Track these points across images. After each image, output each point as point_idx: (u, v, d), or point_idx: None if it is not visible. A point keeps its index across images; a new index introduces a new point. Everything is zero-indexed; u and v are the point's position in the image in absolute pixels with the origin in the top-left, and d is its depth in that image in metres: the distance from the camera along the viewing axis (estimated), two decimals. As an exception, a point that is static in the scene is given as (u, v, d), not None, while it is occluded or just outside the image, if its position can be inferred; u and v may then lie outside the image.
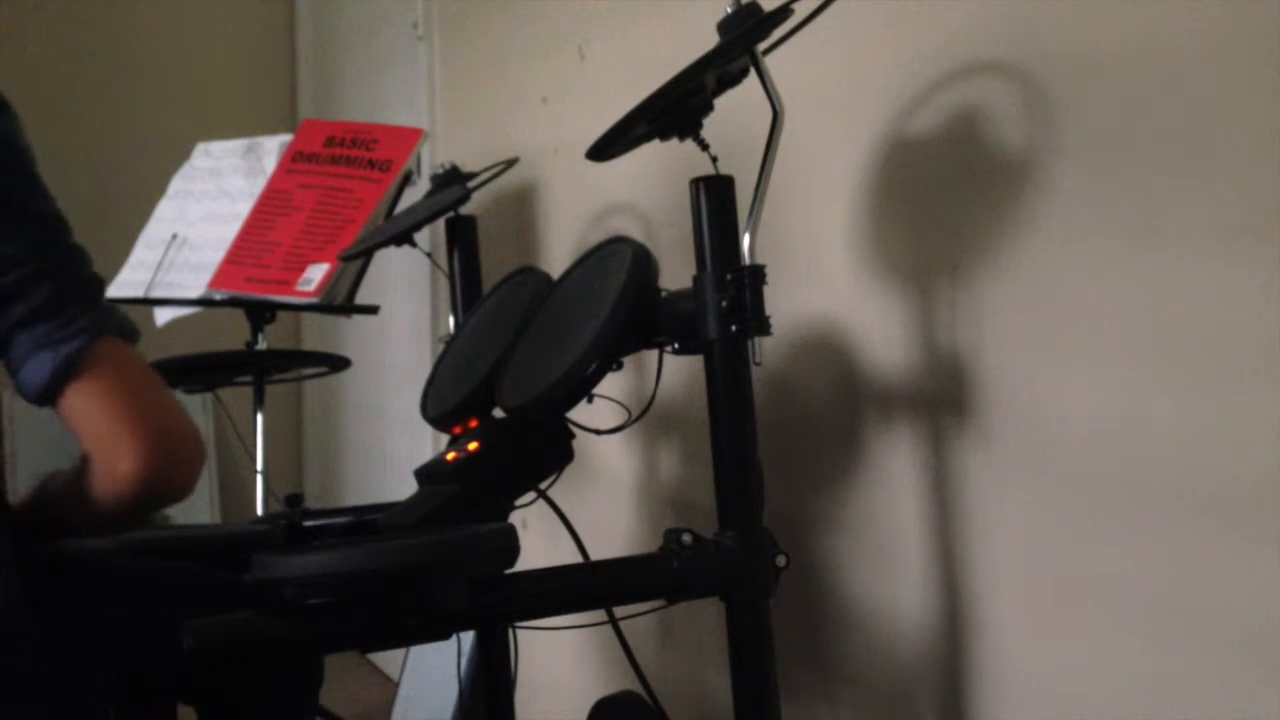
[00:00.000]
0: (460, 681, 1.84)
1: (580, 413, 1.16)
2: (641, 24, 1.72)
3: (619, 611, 1.17)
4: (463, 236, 1.82)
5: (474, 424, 1.30)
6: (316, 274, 1.95)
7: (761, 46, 1.02)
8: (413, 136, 2.10)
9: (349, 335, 2.97)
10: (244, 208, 2.13)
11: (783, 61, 1.06)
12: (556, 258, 1.98)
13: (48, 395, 0.82)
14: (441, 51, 2.53)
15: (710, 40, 0.99)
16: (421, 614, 0.93)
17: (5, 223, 0.83)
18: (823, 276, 1.36)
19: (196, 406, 2.94)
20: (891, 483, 1.26)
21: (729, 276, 1.01)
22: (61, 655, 0.92)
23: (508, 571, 0.98)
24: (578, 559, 1.18)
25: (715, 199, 1.04)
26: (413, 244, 1.72)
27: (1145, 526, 0.99)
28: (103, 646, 0.97)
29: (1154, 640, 0.99)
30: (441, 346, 1.65)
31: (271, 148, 2.23)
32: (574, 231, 1.95)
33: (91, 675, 0.95)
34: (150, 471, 0.82)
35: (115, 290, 2.08)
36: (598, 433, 1.24)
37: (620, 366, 1.12)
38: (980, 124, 1.14)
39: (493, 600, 0.97)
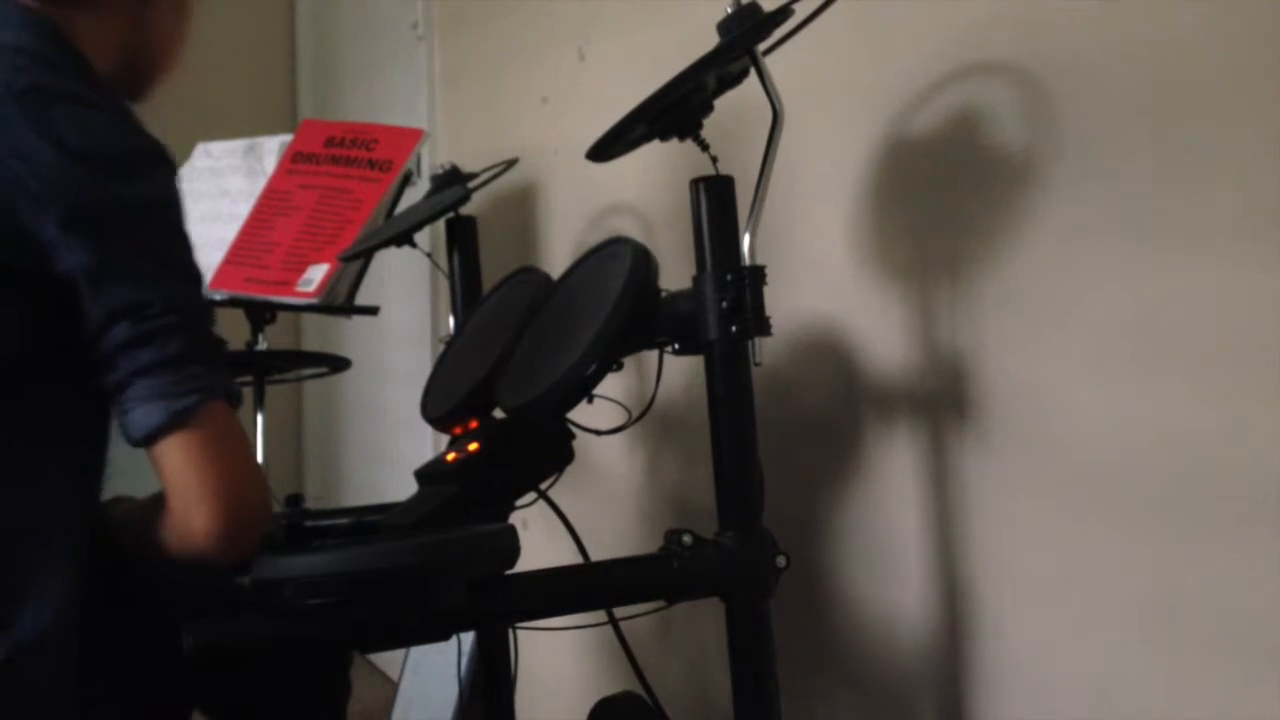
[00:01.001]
0: (460, 681, 1.84)
1: (580, 413, 1.15)
2: (641, 24, 1.72)
3: (619, 612, 1.17)
4: (463, 237, 1.82)
5: (474, 424, 1.30)
6: (316, 274, 1.95)
7: (761, 47, 1.02)
8: (413, 136, 2.10)
9: (349, 336, 2.97)
10: (244, 208, 2.13)
11: (783, 61, 1.06)
12: (556, 258, 1.98)
13: (148, 441, 0.85)
14: (441, 51, 2.53)
15: (710, 40, 0.99)
16: (421, 614, 0.93)
17: (153, 271, 0.86)
18: (823, 276, 1.36)
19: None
20: (891, 482, 1.26)
21: (729, 277, 1.01)
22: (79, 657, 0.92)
23: (508, 572, 0.98)
24: (578, 559, 1.18)
25: (715, 199, 1.04)
26: (413, 244, 1.72)
27: (1146, 526, 0.99)
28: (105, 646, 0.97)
29: (1155, 640, 0.99)
30: (442, 347, 1.65)
31: (271, 148, 2.23)
32: (574, 231, 1.95)
33: (95, 676, 0.95)
34: (220, 536, 0.85)
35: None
36: (598, 433, 1.24)
37: (620, 367, 1.12)
38: (980, 124, 1.14)
39: (493, 601, 0.97)
